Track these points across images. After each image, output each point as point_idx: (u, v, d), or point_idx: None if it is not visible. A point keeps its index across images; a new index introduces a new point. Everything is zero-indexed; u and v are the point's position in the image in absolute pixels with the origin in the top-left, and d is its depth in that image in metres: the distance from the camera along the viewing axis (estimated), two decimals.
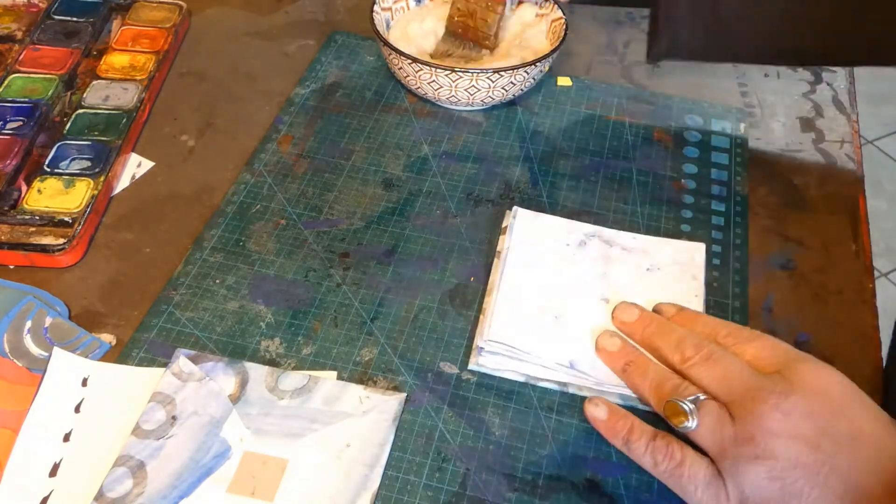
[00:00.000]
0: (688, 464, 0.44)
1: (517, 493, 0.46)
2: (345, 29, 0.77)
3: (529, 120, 0.68)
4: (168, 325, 0.53)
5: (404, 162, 0.64)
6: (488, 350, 0.50)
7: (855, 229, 0.61)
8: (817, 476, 0.41)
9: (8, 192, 0.58)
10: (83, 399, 0.49)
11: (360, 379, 0.50)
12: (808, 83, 0.73)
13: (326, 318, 0.54)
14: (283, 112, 0.68)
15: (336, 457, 0.46)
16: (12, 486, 0.45)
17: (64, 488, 0.45)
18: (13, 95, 0.65)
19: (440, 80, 0.64)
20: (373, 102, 0.70)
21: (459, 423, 0.49)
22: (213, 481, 0.45)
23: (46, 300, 0.53)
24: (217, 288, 0.55)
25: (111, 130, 0.63)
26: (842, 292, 0.57)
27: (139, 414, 0.47)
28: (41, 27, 0.72)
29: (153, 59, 0.70)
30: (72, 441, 0.47)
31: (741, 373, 0.45)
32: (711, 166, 0.65)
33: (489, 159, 0.65)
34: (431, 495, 0.45)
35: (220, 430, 0.47)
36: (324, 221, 0.60)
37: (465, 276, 0.56)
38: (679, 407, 0.45)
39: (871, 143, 1.95)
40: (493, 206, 0.61)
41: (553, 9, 0.70)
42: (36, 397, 0.48)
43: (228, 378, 0.49)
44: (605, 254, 0.57)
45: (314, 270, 0.56)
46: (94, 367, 0.50)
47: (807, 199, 0.63)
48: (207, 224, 0.59)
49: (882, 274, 1.68)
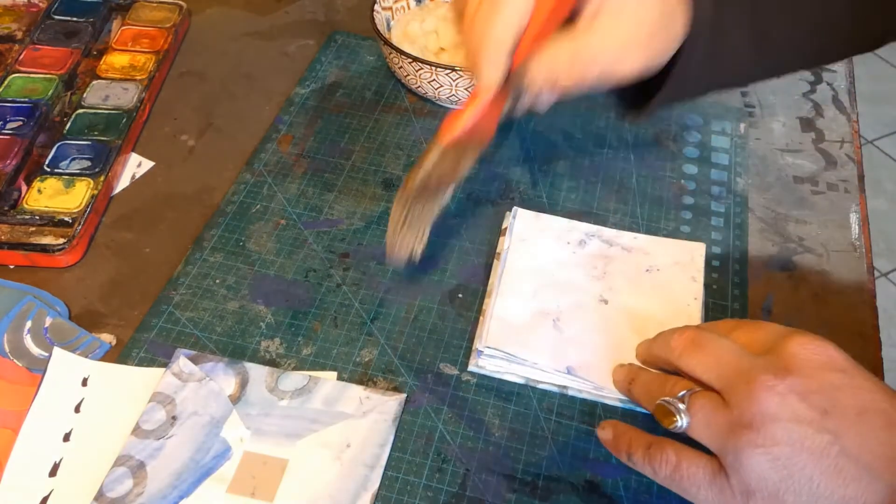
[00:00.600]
0: (684, 465, 0.42)
1: (517, 493, 0.46)
2: (345, 29, 0.77)
3: (529, 120, 0.68)
4: (168, 325, 0.53)
5: (404, 162, 0.64)
6: (487, 354, 0.51)
7: (855, 229, 0.61)
8: (824, 459, 0.38)
9: (8, 192, 0.58)
10: (83, 399, 0.49)
11: (361, 379, 0.50)
12: (808, 83, 0.73)
13: (326, 319, 0.54)
14: (283, 112, 0.68)
15: (336, 457, 0.46)
16: (12, 485, 0.45)
17: (64, 488, 0.45)
18: (13, 95, 0.65)
19: (441, 79, 0.64)
20: (373, 102, 0.70)
21: (459, 423, 0.49)
22: (214, 481, 0.45)
23: (46, 300, 0.53)
24: (217, 288, 0.55)
25: (111, 130, 0.63)
26: (842, 292, 0.57)
27: (139, 414, 0.47)
28: (41, 27, 0.72)
29: (153, 59, 0.70)
30: (72, 441, 0.47)
31: (731, 355, 0.42)
32: (711, 166, 0.65)
33: (489, 159, 0.65)
34: (431, 496, 0.45)
35: (220, 430, 0.47)
36: (324, 221, 0.60)
37: (465, 277, 0.56)
38: (667, 407, 0.42)
39: (871, 143, 1.95)
40: (493, 207, 0.61)
41: None
42: (36, 397, 0.48)
43: (228, 378, 0.49)
44: (604, 253, 0.57)
45: (314, 270, 0.56)
46: (94, 367, 0.50)
47: (807, 199, 0.63)
48: (207, 224, 0.59)
49: (882, 274, 1.68)
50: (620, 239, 0.58)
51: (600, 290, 0.54)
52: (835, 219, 0.62)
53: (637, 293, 0.54)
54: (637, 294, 0.54)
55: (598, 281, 0.55)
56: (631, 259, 0.56)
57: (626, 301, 0.54)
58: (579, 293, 0.54)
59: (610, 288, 0.54)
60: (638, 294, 0.54)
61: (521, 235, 0.57)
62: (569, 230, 0.58)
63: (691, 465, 0.42)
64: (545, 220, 0.59)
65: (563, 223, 0.58)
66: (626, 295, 0.54)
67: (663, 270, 0.56)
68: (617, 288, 0.54)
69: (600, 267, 0.56)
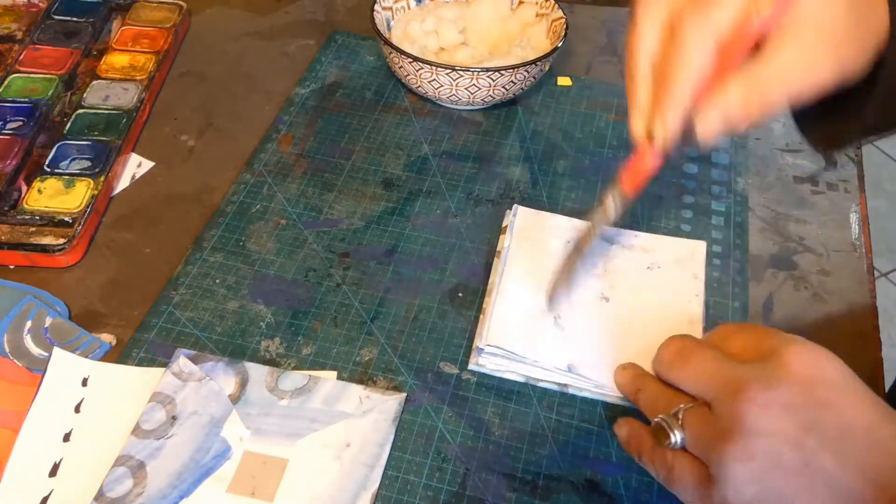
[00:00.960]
0: (676, 469, 0.42)
1: (517, 493, 0.46)
2: (345, 29, 0.77)
3: (529, 120, 0.68)
4: (168, 325, 0.53)
5: (404, 162, 0.64)
6: (487, 352, 0.51)
7: (855, 229, 0.61)
8: (800, 478, 0.38)
9: (8, 192, 0.58)
10: (83, 399, 0.49)
11: (361, 379, 0.50)
12: None
13: (326, 318, 0.53)
14: (283, 112, 0.68)
15: (335, 457, 0.46)
16: (12, 485, 0.45)
17: (64, 488, 0.45)
18: (13, 95, 0.65)
19: (441, 78, 0.64)
20: (373, 102, 0.70)
21: (459, 422, 0.49)
22: (214, 481, 0.45)
23: (46, 300, 0.53)
24: (217, 288, 0.55)
25: (111, 130, 0.63)
26: (842, 292, 0.57)
27: (139, 414, 0.47)
28: (41, 27, 0.72)
29: (153, 59, 0.70)
30: (72, 441, 0.47)
31: (716, 365, 0.41)
32: (712, 166, 0.65)
33: (489, 159, 0.65)
34: (431, 495, 0.45)
35: (220, 429, 0.47)
36: (324, 221, 0.60)
37: (465, 276, 0.56)
38: (662, 426, 0.42)
39: (871, 143, 1.95)
40: (493, 206, 0.61)
41: (553, 8, 0.70)
42: (36, 397, 0.48)
43: (228, 378, 0.49)
44: (605, 251, 0.57)
45: (314, 270, 0.56)
46: (94, 367, 0.50)
47: (807, 199, 0.63)
48: (207, 224, 0.59)
49: (882, 274, 1.68)
50: (621, 237, 0.58)
51: (601, 288, 0.54)
52: (835, 219, 0.62)
53: (638, 291, 0.54)
54: (638, 292, 0.54)
55: (599, 279, 0.55)
56: (631, 257, 0.56)
57: (626, 299, 0.54)
58: (580, 291, 0.54)
59: (611, 286, 0.54)
60: (639, 292, 0.54)
61: (522, 233, 0.57)
62: (569, 228, 0.58)
63: (683, 470, 0.41)
64: (545, 217, 0.59)
65: (564, 221, 0.58)
66: (626, 292, 0.54)
67: (664, 268, 0.56)
68: (618, 285, 0.54)
69: (601, 265, 0.56)
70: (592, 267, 0.56)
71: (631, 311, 0.53)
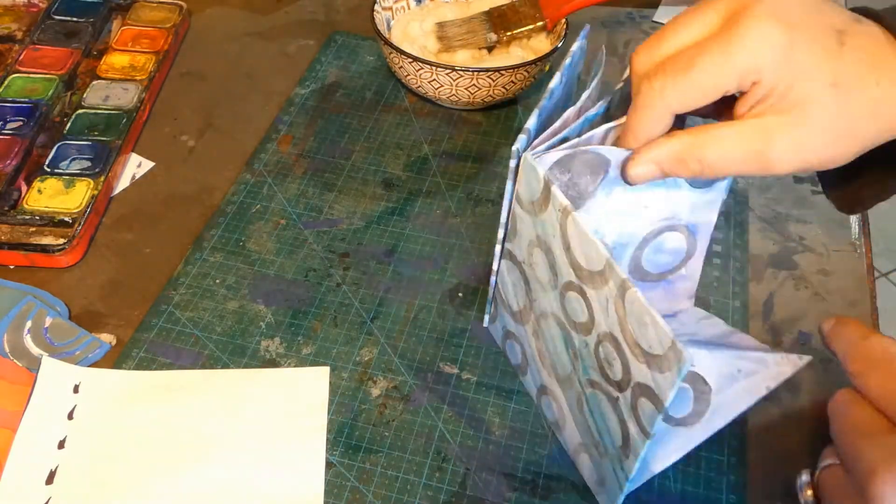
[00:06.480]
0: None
1: (517, 492, 0.46)
2: (345, 29, 0.77)
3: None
4: (168, 325, 0.53)
5: (404, 162, 0.64)
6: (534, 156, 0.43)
7: (855, 229, 0.61)
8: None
9: (8, 192, 0.58)
10: (76, 406, 0.48)
11: (361, 378, 0.50)
12: None
13: (326, 318, 0.54)
14: (283, 112, 0.68)
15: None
16: (10, 492, 0.44)
17: (61, 496, 0.44)
18: (13, 95, 0.65)
19: (441, 78, 0.64)
20: (373, 102, 0.70)
21: (459, 422, 0.49)
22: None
23: (46, 300, 0.53)
24: (217, 288, 0.55)
25: (111, 130, 0.63)
26: (842, 292, 0.57)
27: (135, 417, 0.47)
28: (41, 27, 0.72)
29: (153, 59, 0.70)
30: (67, 448, 0.46)
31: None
32: None
33: (489, 159, 0.65)
34: (431, 495, 0.45)
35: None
36: (324, 221, 0.60)
37: (465, 276, 0.56)
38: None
39: None
40: (493, 206, 0.61)
41: None
42: (27, 407, 0.48)
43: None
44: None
45: (314, 270, 0.56)
46: (85, 373, 0.50)
47: (807, 199, 0.63)
48: (207, 224, 0.59)
49: (882, 274, 1.68)
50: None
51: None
52: (835, 218, 0.62)
53: None
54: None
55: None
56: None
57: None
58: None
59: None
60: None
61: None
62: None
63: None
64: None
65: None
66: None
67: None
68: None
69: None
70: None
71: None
